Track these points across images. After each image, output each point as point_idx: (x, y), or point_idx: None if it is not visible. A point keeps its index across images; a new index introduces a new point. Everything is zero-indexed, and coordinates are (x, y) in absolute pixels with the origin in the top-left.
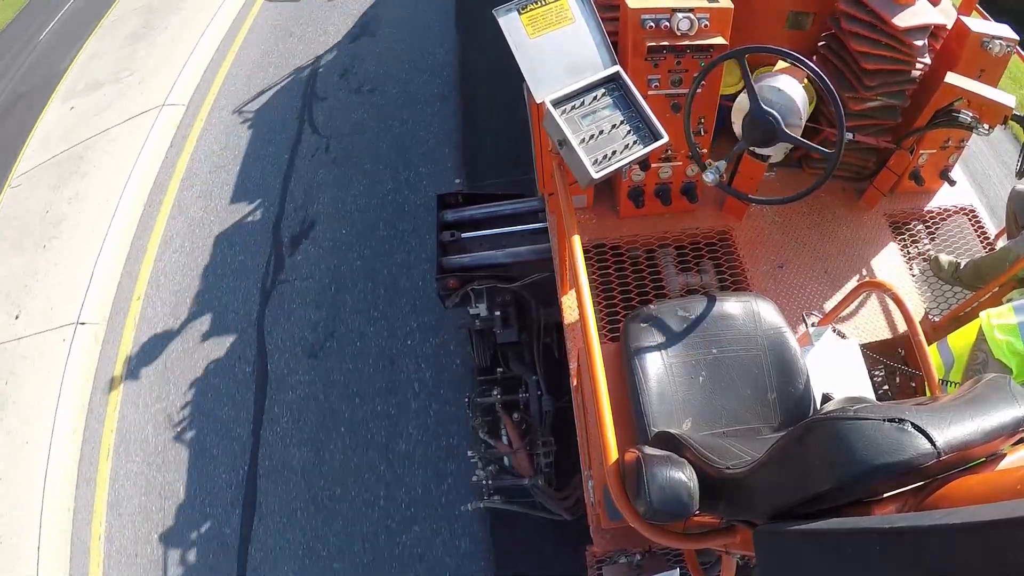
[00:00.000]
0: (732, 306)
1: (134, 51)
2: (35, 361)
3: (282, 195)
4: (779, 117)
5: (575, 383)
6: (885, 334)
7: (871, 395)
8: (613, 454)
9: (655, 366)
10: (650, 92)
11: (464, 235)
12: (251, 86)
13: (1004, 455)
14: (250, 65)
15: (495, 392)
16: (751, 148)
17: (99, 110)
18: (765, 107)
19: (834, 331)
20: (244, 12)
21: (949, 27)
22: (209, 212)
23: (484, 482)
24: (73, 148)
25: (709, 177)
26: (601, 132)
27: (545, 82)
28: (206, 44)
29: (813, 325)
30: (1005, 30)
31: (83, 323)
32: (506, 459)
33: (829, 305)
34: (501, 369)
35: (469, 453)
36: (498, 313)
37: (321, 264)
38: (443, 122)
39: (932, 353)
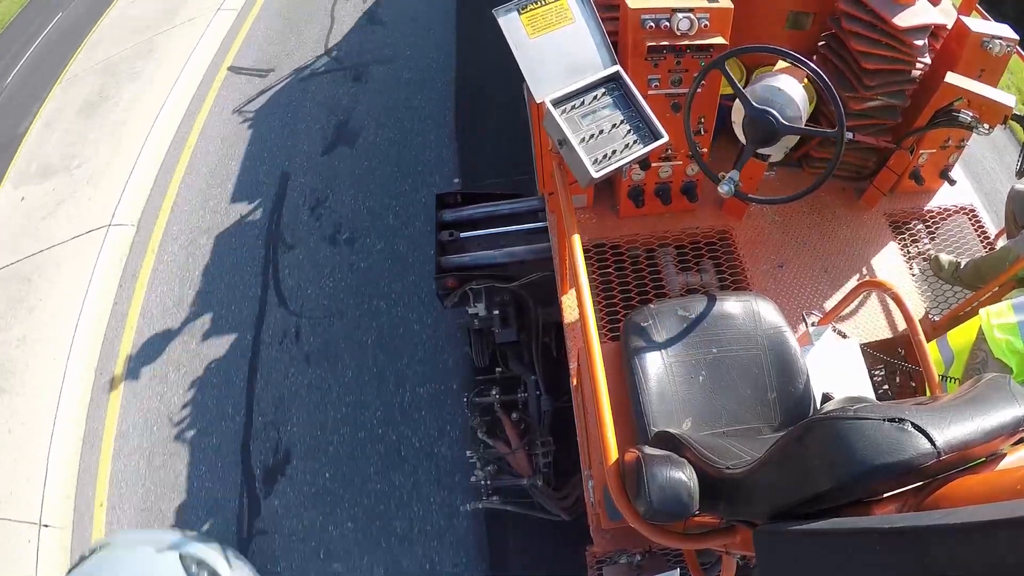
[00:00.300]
0: (732, 306)
1: (87, 128)
2: (2, 551)
3: (248, 398)
4: (776, 114)
5: (575, 383)
6: (885, 333)
7: (871, 395)
8: (613, 454)
9: (655, 366)
10: (650, 92)
11: (463, 235)
12: (207, 205)
13: (1004, 455)
14: (207, 171)
15: (494, 392)
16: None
17: (47, 212)
18: (761, 106)
19: (834, 330)
20: (204, 89)
21: (949, 27)
22: (165, 403)
23: (482, 482)
24: (20, 263)
25: (724, 189)
26: (601, 132)
27: (545, 82)
28: (159, 134)
29: (813, 324)
30: (1005, 30)
31: (47, 525)
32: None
33: (829, 304)
34: (500, 369)
35: (468, 453)
36: (497, 312)
37: (304, 518)
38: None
39: (932, 350)
